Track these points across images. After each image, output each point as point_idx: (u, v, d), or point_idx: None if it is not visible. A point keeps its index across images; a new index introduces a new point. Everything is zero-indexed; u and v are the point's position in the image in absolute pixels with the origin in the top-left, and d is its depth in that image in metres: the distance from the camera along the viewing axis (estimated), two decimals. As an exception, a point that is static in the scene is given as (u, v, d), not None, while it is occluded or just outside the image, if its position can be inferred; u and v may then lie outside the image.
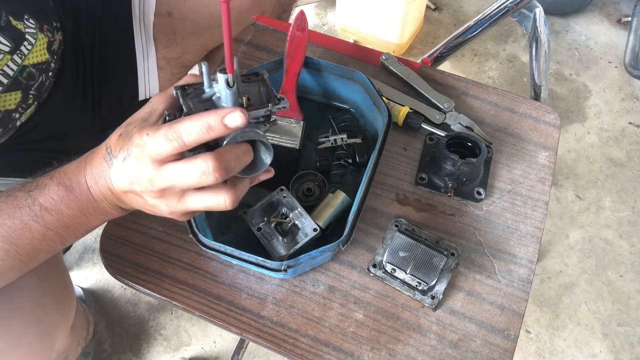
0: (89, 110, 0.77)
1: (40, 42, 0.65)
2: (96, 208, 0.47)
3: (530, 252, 0.62)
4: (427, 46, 1.64)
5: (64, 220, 0.47)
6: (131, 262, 0.62)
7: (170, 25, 0.80)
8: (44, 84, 0.67)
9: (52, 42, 0.67)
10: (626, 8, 1.70)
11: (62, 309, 0.71)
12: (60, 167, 0.48)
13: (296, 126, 0.66)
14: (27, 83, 0.64)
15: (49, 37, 0.67)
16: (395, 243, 0.60)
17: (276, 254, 0.59)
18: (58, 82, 0.70)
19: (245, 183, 0.46)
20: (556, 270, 1.26)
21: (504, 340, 0.57)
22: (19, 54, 0.62)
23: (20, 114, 0.65)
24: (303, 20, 0.68)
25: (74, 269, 1.28)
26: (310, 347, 0.57)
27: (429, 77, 0.75)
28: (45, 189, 0.47)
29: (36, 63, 0.65)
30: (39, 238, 0.47)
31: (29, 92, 0.64)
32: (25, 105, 0.65)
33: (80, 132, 0.77)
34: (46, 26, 0.67)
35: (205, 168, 0.39)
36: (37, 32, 0.64)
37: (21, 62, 0.62)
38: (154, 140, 0.40)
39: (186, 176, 0.40)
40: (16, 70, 0.62)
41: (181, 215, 0.45)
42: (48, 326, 0.67)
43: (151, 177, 0.41)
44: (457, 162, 0.61)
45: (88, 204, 0.47)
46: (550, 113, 0.72)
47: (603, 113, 1.51)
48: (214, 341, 1.19)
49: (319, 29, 1.70)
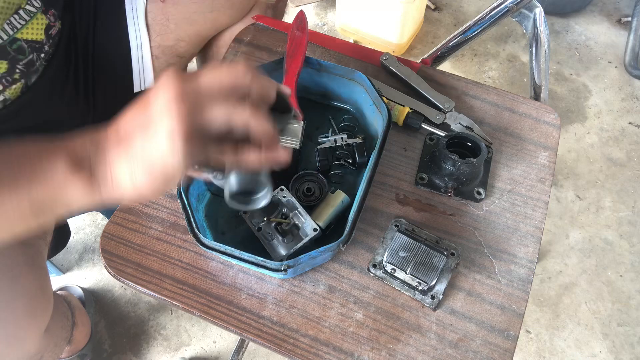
0: (81, 101, 0.77)
1: (38, 22, 0.65)
2: (61, 150, 0.38)
3: (530, 252, 0.62)
4: (427, 46, 1.64)
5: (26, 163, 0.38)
6: (131, 262, 0.62)
7: (163, 11, 0.80)
8: (33, 63, 0.67)
9: (51, 26, 0.68)
10: (626, 8, 1.70)
11: (34, 312, 0.71)
12: None
13: (296, 126, 0.66)
14: (15, 55, 0.63)
15: (50, 20, 0.67)
16: (395, 243, 0.60)
17: (276, 254, 0.59)
18: (48, 67, 0.70)
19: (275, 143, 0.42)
20: (556, 270, 1.26)
21: (504, 340, 0.57)
22: (9, 24, 0.62)
23: (4, 87, 0.64)
24: (303, 20, 0.68)
25: (74, 269, 1.28)
26: (310, 347, 0.57)
27: (429, 77, 0.75)
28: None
29: (29, 39, 0.65)
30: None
31: (16, 65, 0.64)
32: (10, 78, 0.64)
33: (71, 123, 0.77)
34: (53, 10, 0.67)
35: (237, 65, 0.39)
36: (39, 13, 0.65)
37: (13, 34, 0.62)
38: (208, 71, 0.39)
39: (217, 73, 0.38)
40: (5, 39, 0.62)
41: (188, 127, 0.36)
42: (15, 329, 0.67)
43: (176, 77, 0.36)
44: (457, 162, 0.61)
45: (54, 149, 0.38)
46: (550, 113, 0.72)
47: (603, 113, 1.51)
48: (214, 341, 1.19)
49: (319, 29, 1.70)
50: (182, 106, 0.35)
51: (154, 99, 0.36)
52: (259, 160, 0.41)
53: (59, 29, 0.71)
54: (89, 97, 0.78)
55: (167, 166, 0.36)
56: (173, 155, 0.36)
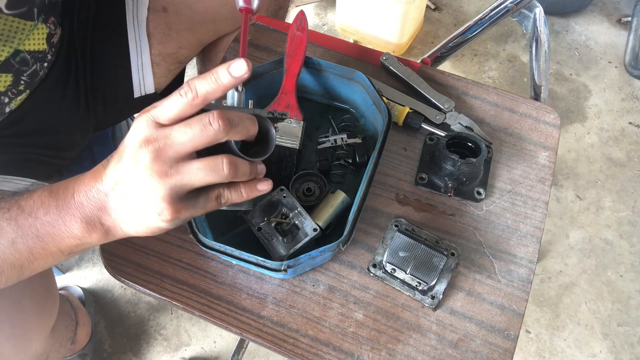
0: (81, 106, 0.77)
1: (39, 32, 0.65)
2: (74, 216, 0.44)
3: (530, 252, 0.62)
4: (427, 46, 1.64)
5: (37, 227, 0.44)
6: (131, 262, 0.62)
7: (165, 20, 0.80)
8: (37, 73, 0.67)
9: (52, 35, 0.68)
10: (626, 8, 1.70)
11: (41, 311, 0.71)
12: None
13: (296, 126, 0.66)
14: (19, 67, 0.63)
15: (51, 29, 0.67)
16: (395, 243, 0.60)
17: (276, 254, 0.59)
18: (49, 74, 0.70)
19: (246, 167, 0.45)
20: (556, 270, 1.26)
21: (504, 340, 0.57)
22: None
23: (10, 99, 0.64)
24: (303, 20, 0.68)
25: (74, 269, 1.28)
26: (310, 347, 0.57)
27: (429, 77, 0.75)
28: (31, 192, 0.45)
29: (32, 50, 0.64)
30: (6, 244, 0.44)
31: (20, 77, 0.64)
32: (15, 90, 0.64)
33: (72, 128, 0.77)
34: (52, 18, 0.67)
35: (209, 116, 0.40)
36: (39, 22, 0.64)
37: (15, 46, 0.62)
38: (163, 102, 0.40)
39: (186, 130, 0.40)
40: (10, 54, 0.61)
41: (174, 203, 0.41)
42: (24, 329, 0.67)
43: (148, 135, 0.40)
44: (457, 162, 0.61)
45: (67, 211, 0.44)
46: (550, 113, 0.72)
47: (603, 113, 1.51)
48: (214, 341, 1.19)
49: (319, 29, 1.70)
50: (164, 182, 0.40)
51: (134, 171, 0.41)
52: (242, 198, 0.46)
53: (60, 36, 0.70)
54: (89, 101, 0.78)
55: (164, 230, 0.44)
56: (166, 225, 0.43)
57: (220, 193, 0.45)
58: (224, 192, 0.45)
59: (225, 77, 0.40)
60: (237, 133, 0.42)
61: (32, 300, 0.68)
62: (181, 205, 0.42)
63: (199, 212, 0.44)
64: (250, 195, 0.46)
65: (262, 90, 0.69)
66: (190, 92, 0.40)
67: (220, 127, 0.40)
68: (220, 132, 0.40)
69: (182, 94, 0.40)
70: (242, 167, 0.44)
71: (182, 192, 0.42)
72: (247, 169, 0.44)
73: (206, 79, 0.40)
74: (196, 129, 0.40)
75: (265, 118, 0.47)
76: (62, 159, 0.77)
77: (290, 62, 0.66)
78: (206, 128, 0.40)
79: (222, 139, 0.41)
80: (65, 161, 0.78)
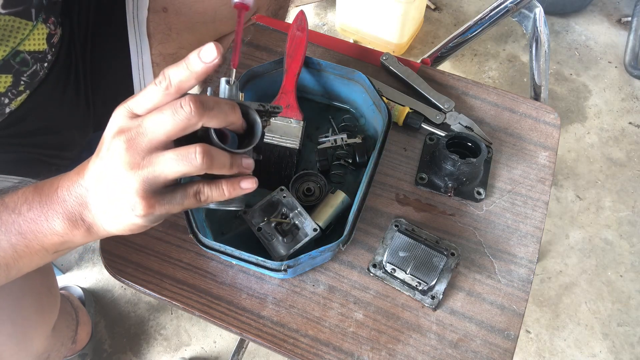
0: (82, 106, 0.77)
1: (39, 32, 0.64)
2: (56, 212, 0.43)
3: (530, 252, 0.62)
4: (427, 46, 1.64)
5: (20, 224, 0.43)
6: (131, 262, 0.62)
7: (165, 20, 0.80)
8: (37, 73, 0.66)
9: (52, 35, 0.67)
10: (626, 8, 1.70)
11: (42, 310, 0.70)
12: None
13: (296, 126, 0.66)
14: (19, 68, 0.63)
15: (51, 29, 0.67)
16: (395, 243, 0.60)
17: (276, 254, 0.59)
18: (50, 73, 0.70)
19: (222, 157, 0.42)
20: (556, 270, 1.26)
21: (504, 340, 0.57)
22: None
23: (10, 100, 0.64)
24: (303, 20, 0.68)
25: (74, 269, 1.28)
26: (310, 347, 0.57)
27: (429, 77, 0.75)
28: (17, 189, 0.44)
29: (32, 51, 0.64)
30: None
31: (20, 77, 0.64)
32: (15, 91, 0.64)
33: (72, 128, 0.77)
34: (52, 18, 0.67)
35: (180, 100, 0.38)
36: (39, 23, 0.64)
37: (14, 47, 0.61)
38: (140, 93, 0.40)
39: (158, 117, 0.38)
40: (8, 53, 0.61)
41: (148, 197, 0.39)
42: (25, 328, 0.67)
43: (122, 125, 0.39)
44: (457, 162, 0.61)
45: (49, 207, 0.43)
46: (550, 113, 0.72)
47: (603, 113, 1.51)
48: (214, 341, 1.19)
49: (319, 29, 1.70)
50: (136, 174, 0.39)
51: (109, 162, 0.40)
52: (224, 196, 0.43)
53: (60, 35, 0.70)
54: (89, 100, 0.78)
55: (142, 227, 0.43)
56: (141, 222, 0.41)
57: (199, 189, 0.42)
58: (204, 188, 0.42)
59: (196, 62, 0.38)
60: (213, 118, 0.39)
61: (33, 299, 0.68)
62: (155, 200, 0.40)
63: (176, 209, 0.42)
64: (233, 194, 0.43)
65: (262, 90, 0.70)
66: (165, 81, 0.38)
67: (192, 110, 0.37)
68: (192, 115, 0.37)
69: (156, 82, 0.38)
70: (219, 157, 0.40)
71: (157, 185, 0.39)
72: (225, 161, 0.41)
73: (179, 66, 0.38)
74: (167, 113, 0.37)
75: (251, 109, 0.44)
76: (62, 158, 0.77)
77: (290, 62, 0.66)
78: (177, 112, 0.37)
79: (196, 124, 0.38)
80: (65, 161, 0.78)
